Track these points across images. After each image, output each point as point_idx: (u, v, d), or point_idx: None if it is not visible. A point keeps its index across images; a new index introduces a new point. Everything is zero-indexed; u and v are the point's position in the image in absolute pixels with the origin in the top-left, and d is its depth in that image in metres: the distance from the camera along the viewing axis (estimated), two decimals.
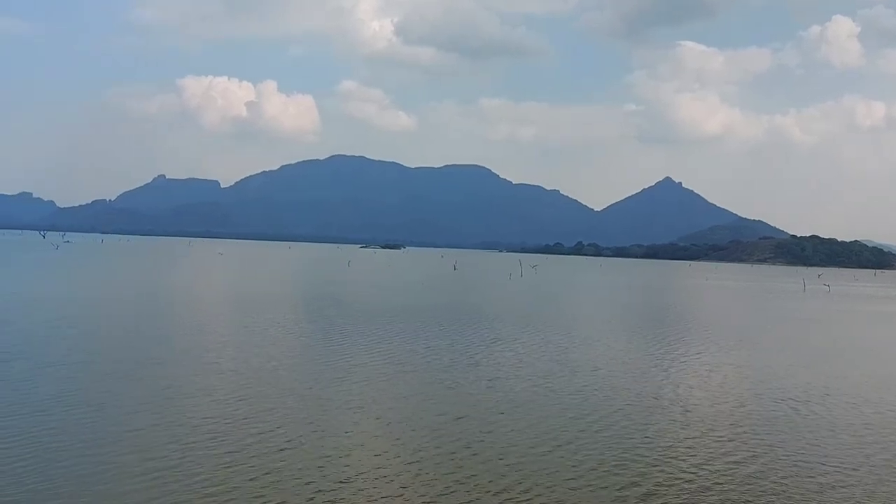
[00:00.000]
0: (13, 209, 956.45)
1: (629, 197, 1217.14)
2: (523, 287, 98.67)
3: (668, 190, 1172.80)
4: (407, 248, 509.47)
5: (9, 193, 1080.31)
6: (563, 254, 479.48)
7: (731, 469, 17.86)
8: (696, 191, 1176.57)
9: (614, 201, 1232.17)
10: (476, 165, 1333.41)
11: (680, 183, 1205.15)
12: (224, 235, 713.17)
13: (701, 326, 53.21)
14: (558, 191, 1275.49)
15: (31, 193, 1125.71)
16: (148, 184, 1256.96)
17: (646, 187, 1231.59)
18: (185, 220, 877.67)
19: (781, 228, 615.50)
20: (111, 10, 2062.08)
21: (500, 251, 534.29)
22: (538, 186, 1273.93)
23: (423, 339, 38.54)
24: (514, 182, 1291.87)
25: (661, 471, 17.51)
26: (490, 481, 16.27)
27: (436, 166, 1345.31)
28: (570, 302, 78.70)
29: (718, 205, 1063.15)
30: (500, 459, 17.87)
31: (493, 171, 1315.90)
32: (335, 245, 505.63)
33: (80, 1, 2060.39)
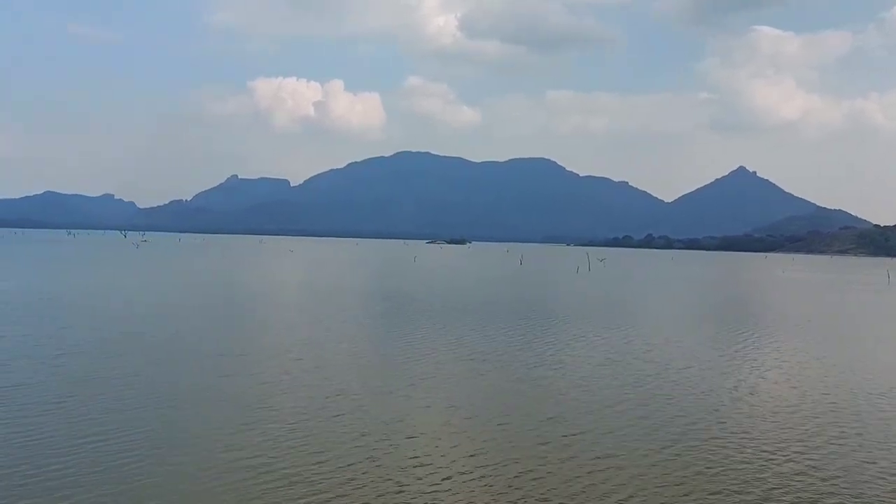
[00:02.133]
0: (97, 210, 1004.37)
1: (701, 187, 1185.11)
2: (592, 281, 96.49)
3: (742, 179, 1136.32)
4: (472, 243, 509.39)
5: (93, 195, 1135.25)
6: (632, 247, 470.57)
7: (844, 473, 16.35)
8: (771, 180, 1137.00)
9: (686, 192, 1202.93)
10: (542, 158, 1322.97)
11: (755, 172, 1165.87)
12: (294, 233, 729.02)
13: (782, 321, 50.51)
14: (627, 182, 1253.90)
15: (113, 195, 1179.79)
16: (222, 184, 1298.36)
17: (719, 177, 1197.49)
18: (256, 219, 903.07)
19: (863, 218, 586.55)
20: (187, 15, 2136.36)
21: (567, 245, 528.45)
22: (606, 178, 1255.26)
23: (500, 336, 37.63)
24: (580, 175, 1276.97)
25: (771, 475, 16.23)
26: (591, 485, 15.31)
27: (501, 160, 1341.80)
28: (644, 297, 76.31)
29: (795, 194, 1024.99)
30: (598, 462, 16.83)
31: (559, 163, 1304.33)
32: (401, 241, 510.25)
33: (158, 8, 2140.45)
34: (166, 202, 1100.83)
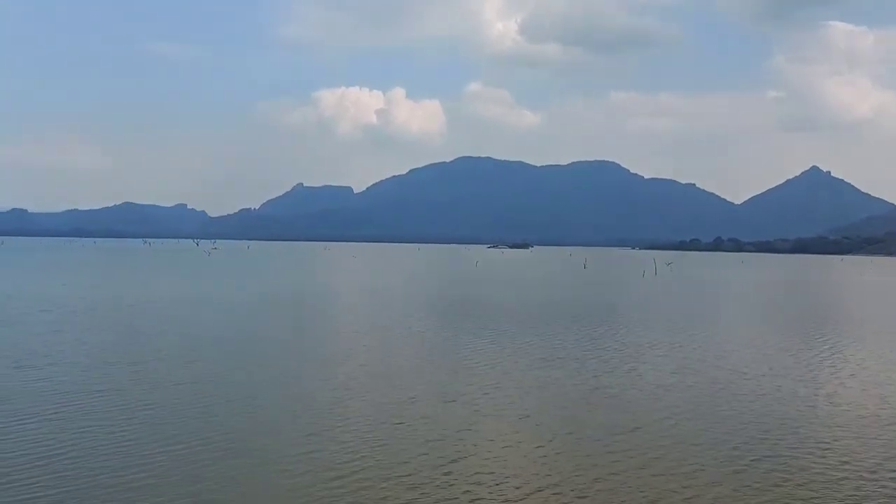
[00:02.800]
0: (171, 220, 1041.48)
1: (772, 188, 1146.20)
2: (659, 286, 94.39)
3: (815, 179, 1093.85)
4: (535, 247, 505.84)
5: (166, 205, 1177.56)
6: (701, 250, 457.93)
7: None
8: (846, 179, 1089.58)
9: (756, 193, 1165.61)
10: (605, 161, 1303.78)
11: (828, 172, 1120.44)
12: (357, 239, 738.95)
13: (862, 326, 48.22)
14: (694, 184, 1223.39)
15: (185, 205, 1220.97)
16: (288, 192, 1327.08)
17: (790, 177, 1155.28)
18: (321, 225, 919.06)
19: None
20: (256, 30, 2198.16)
21: (633, 248, 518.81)
22: (672, 180, 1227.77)
23: (567, 343, 37.19)
24: (645, 177, 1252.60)
25: (852, 489, 15.47)
26: (668, 499, 14.85)
27: (563, 164, 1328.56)
28: (714, 301, 74.18)
29: (872, 194, 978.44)
30: (675, 476, 16.27)
31: (623, 166, 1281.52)
32: (463, 246, 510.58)
33: (228, 24, 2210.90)
34: (235, 211, 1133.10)
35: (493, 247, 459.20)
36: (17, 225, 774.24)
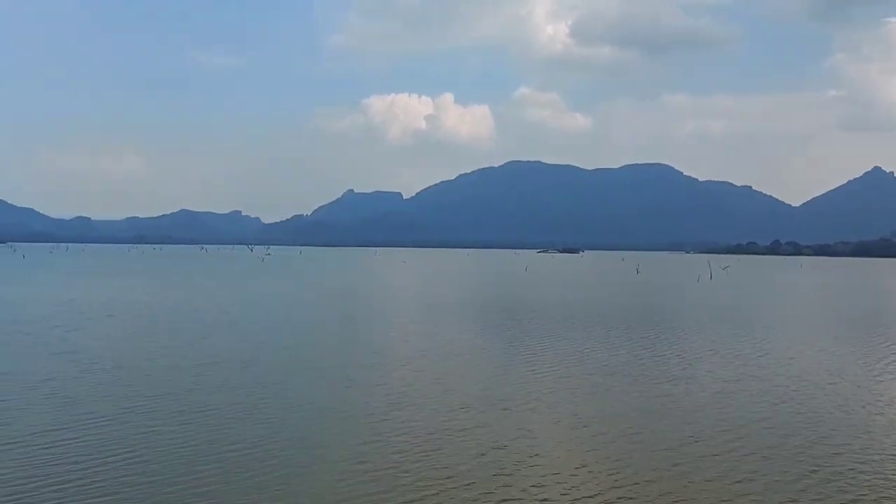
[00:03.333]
0: (226, 226, 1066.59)
1: (832, 190, 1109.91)
2: (715, 290, 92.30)
3: (877, 181, 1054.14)
4: (585, 251, 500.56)
5: (222, 212, 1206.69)
6: (758, 253, 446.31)
7: None
8: None
9: (815, 195, 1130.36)
10: (658, 164, 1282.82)
11: (891, 172, 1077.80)
12: (407, 244, 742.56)
13: None
14: (750, 186, 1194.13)
15: (240, 211, 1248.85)
16: (339, 198, 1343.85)
17: (851, 178, 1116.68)
18: (371, 231, 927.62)
19: None
20: (305, 39, 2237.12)
21: (687, 252, 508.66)
22: (727, 182, 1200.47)
23: (623, 349, 36.64)
24: (700, 179, 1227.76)
25: None
26: None
27: (614, 167, 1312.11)
28: (773, 306, 72.07)
29: None
30: (741, 486, 15.81)
31: (676, 168, 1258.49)
32: (512, 251, 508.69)
33: (278, 34, 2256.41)
34: (288, 217, 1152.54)
35: (543, 251, 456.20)
36: (81, 232, 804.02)
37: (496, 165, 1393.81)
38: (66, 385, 25.01)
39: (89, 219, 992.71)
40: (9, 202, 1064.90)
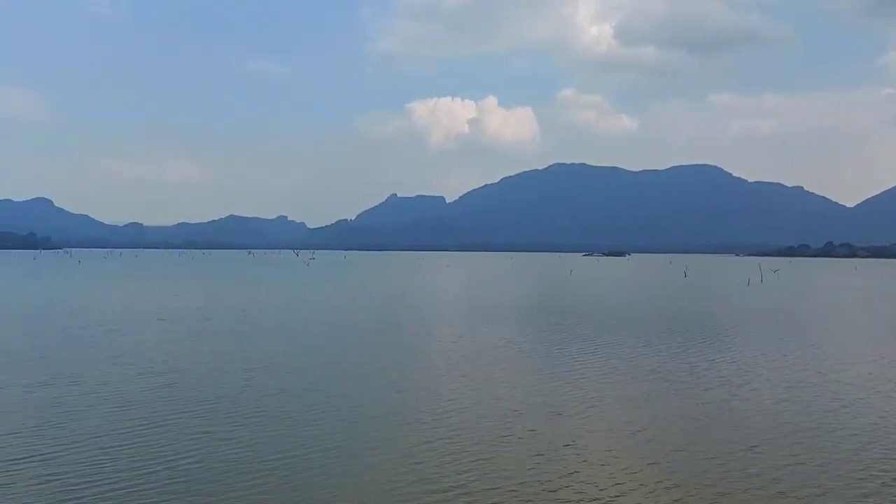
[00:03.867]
0: (273, 231, 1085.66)
1: (887, 190, 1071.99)
2: (766, 294, 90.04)
3: None
4: (631, 254, 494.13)
5: (269, 217, 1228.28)
6: (810, 256, 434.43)
7: None
8: None
9: (869, 195, 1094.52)
10: (705, 165, 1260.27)
11: None
12: (450, 248, 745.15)
13: None
14: (802, 187, 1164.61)
15: (286, 217, 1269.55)
16: (382, 203, 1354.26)
17: None
18: (414, 235, 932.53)
19: None
20: (350, 46, 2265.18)
21: (736, 255, 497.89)
22: (778, 184, 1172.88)
23: (674, 354, 35.92)
24: (749, 180, 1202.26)
25: None
26: None
27: (660, 169, 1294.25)
28: (827, 311, 69.74)
29: None
30: (807, 500, 15.29)
31: (724, 169, 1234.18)
32: (556, 254, 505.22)
33: (323, 41, 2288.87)
34: (333, 222, 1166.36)
35: (588, 255, 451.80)
36: (134, 238, 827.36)
37: (540, 168, 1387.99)
38: (121, 388, 25.59)
39: (141, 225, 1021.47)
40: (66, 209, 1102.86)
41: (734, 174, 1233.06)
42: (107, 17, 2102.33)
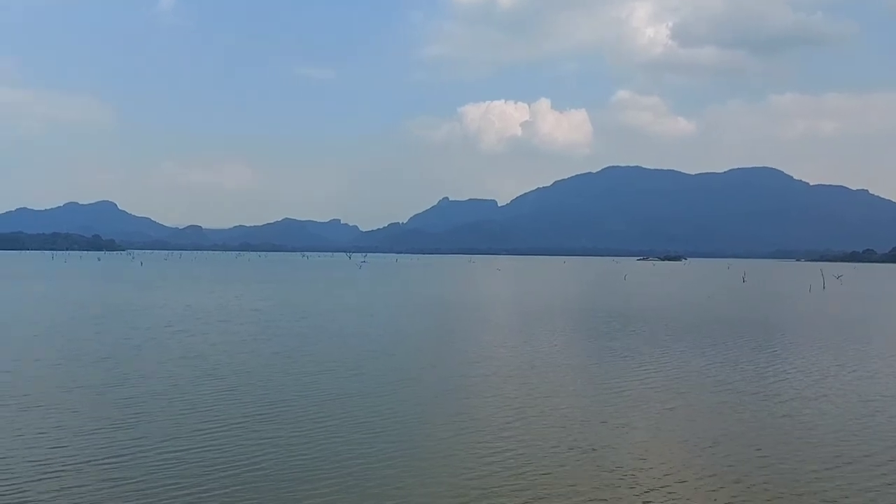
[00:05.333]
0: (326, 234, 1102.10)
1: None
2: (829, 301, 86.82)
3: None
4: (688, 259, 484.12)
5: (322, 221, 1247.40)
6: (876, 262, 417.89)
7: None
8: None
9: None
10: (766, 168, 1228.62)
11: None
12: (501, 251, 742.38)
13: None
14: (867, 190, 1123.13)
15: (339, 220, 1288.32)
16: (434, 206, 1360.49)
17: None
18: (466, 238, 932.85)
19: None
20: (403, 51, 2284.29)
21: (797, 260, 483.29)
22: (841, 187, 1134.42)
23: (741, 363, 34.64)
24: (811, 183, 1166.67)
25: None
26: None
27: (719, 171, 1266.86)
28: None
29: None
30: None
31: (785, 172, 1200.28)
32: (611, 258, 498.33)
33: (376, 46, 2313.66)
34: (385, 225, 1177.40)
35: (644, 259, 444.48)
36: (193, 240, 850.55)
37: (594, 171, 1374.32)
38: (188, 390, 26.02)
39: (200, 227, 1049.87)
40: (129, 212, 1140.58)
41: (795, 177, 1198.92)
42: (170, 27, 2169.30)
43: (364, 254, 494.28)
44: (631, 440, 20.44)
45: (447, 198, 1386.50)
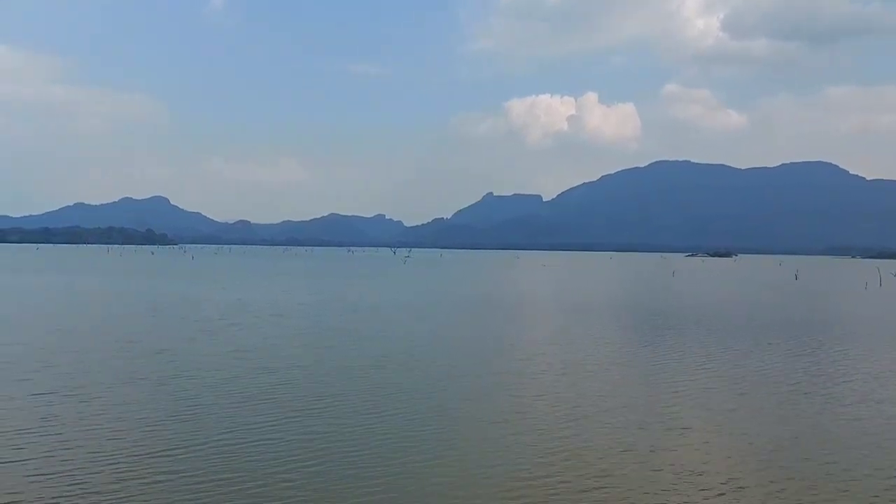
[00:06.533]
0: (371, 229, 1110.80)
1: None
2: (887, 299, 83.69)
3: None
4: (739, 255, 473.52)
5: (368, 216, 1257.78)
6: None
7: None
8: None
9: None
10: (820, 162, 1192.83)
11: None
12: (546, 247, 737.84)
13: None
14: None
15: (384, 215, 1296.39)
16: (478, 201, 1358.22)
17: None
18: (511, 234, 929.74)
19: None
20: (449, 46, 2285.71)
21: (853, 257, 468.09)
22: None
23: (797, 363, 33.54)
24: (867, 178, 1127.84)
25: None
26: None
27: (771, 166, 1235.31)
28: None
29: None
30: None
31: (840, 166, 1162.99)
32: (659, 254, 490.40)
33: (422, 42, 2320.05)
34: (429, 220, 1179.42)
35: (692, 255, 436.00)
36: (242, 235, 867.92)
37: (642, 166, 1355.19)
38: (243, 384, 26.26)
39: (249, 222, 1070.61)
40: (180, 207, 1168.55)
41: (851, 171, 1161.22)
42: (220, 25, 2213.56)
43: (408, 249, 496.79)
44: (691, 442, 19.82)
45: (491, 193, 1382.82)
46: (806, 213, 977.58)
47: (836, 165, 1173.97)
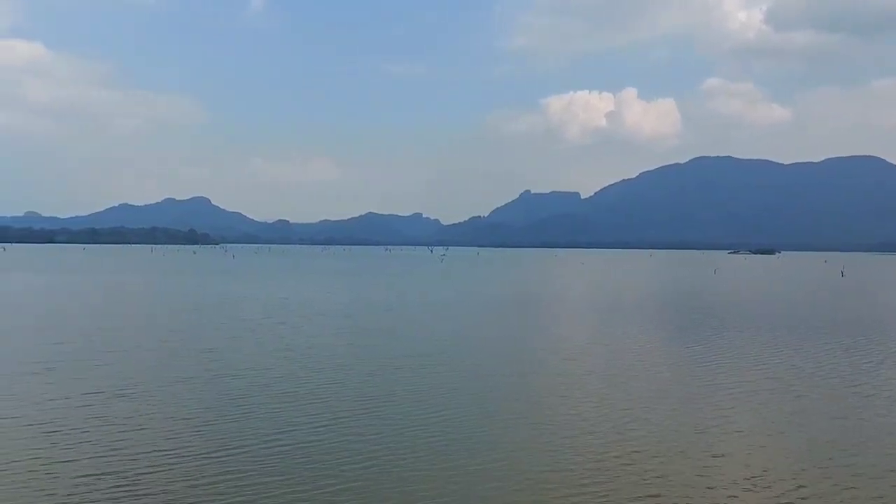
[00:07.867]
0: (408, 228, 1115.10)
1: None
2: None
3: None
4: (782, 252, 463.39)
5: (404, 215, 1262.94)
6: None
7: None
8: None
9: None
10: (866, 156, 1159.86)
11: None
12: (585, 245, 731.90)
13: None
14: None
15: (421, 213, 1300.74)
16: (515, 199, 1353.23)
17: None
18: (548, 232, 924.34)
19: None
20: (485, 44, 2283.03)
21: None
22: None
23: (855, 366, 32.40)
24: None
25: None
26: None
27: (815, 160, 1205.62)
28: None
29: None
30: None
31: (888, 161, 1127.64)
32: (699, 251, 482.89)
33: (458, 41, 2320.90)
34: (466, 219, 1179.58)
35: (735, 252, 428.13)
36: (281, 234, 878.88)
37: (682, 162, 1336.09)
38: (289, 383, 26.33)
39: (288, 222, 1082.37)
40: (221, 207, 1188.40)
41: None
42: (259, 27, 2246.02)
43: (445, 247, 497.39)
44: (750, 446, 19.16)
45: (529, 191, 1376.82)
46: (851, 208, 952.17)
47: (882, 159, 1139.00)
